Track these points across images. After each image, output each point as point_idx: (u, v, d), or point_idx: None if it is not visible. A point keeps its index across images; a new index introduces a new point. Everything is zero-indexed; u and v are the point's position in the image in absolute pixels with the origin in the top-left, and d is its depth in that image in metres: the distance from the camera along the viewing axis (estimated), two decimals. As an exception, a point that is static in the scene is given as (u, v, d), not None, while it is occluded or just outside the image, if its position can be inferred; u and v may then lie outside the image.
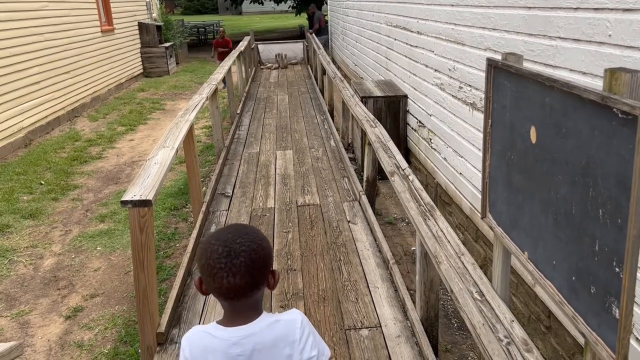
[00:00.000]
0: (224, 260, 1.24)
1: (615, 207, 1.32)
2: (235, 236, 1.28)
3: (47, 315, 3.62)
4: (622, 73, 1.29)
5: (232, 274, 1.24)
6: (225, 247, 1.25)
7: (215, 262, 1.25)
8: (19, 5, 8.01)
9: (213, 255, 1.25)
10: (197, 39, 24.42)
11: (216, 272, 1.24)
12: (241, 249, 1.26)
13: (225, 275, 1.24)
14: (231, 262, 1.24)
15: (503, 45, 3.39)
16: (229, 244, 1.26)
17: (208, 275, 1.26)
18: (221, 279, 1.24)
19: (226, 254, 1.25)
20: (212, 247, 1.26)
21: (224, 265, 1.24)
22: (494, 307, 2.08)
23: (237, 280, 1.24)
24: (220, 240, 1.27)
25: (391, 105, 5.87)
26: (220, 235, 1.30)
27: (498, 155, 2.11)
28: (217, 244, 1.27)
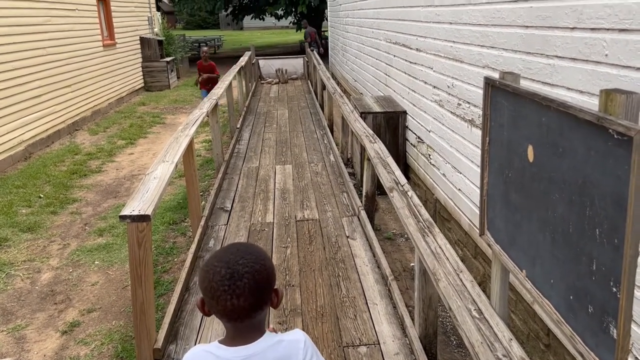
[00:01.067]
0: (227, 282, 1.22)
1: (612, 226, 1.32)
2: (237, 257, 1.26)
3: (43, 330, 3.60)
4: (617, 94, 1.31)
5: (236, 296, 1.22)
6: (228, 269, 1.23)
7: (218, 285, 1.22)
8: (21, 20, 8.08)
9: (216, 277, 1.23)
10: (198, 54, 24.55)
11: (220, 295, 1.22)
12: (244, 271, 1.23)
13: (229, 298, 1.22)
14: (234, 284, 1.22)
15: (501, 63, 3.42)
16: (231, 265, 1.24)
17: (211, 298, 1.24)
18: (225, 302, 1.22)
19: (229, 276, 1.23)
20: (214, 269, 1.24)
21: (227, 287, 1.22)
22: (492, 325, 2.07)
23: (241, 302, 1.23)
24: (223, 261, 1.25)
25: (390, 121, 5.90)
26: (223, 256, 1.27)
27: (496, 173, 2.11)
28: (219, 265, 1.24)
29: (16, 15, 7.93)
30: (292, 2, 20.86)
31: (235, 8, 24.25)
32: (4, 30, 7.55)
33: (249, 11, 23.64)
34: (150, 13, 15.72)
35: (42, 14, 8.80)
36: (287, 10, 22.32)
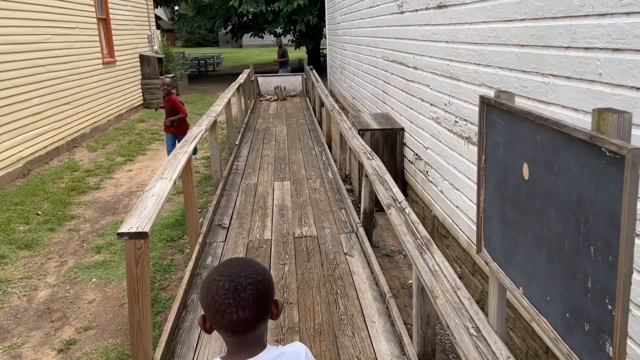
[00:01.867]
0: (231, 295, 1.24)
1: (606, 244, 1.33)
2: (238, 270, 1.28)
3: (39, 348, 3.58)
4: (609, 113, 1.33)
5: (241, 308, 1.24)
6: (232, 282, 1.25)
7: (222, 298, 1.24)
8: (22, 38, 8.15)
9: (219, 291, 1.25)
10: (197, 71, 24.76)
11: (225, 308, 1.24)
12: (247, 282, 1.26)
13: (235, 310, 1.24)
14: (239, 296, 1.24)
15: (497, 81, 3.46)
16: (234, 278, 1.26)
17: (215, 313, 1.25)
18: (230, 314, 1.24)
19: (233, 288, 1.24)
20: (217, 284, 1.25)
21: (232, 300, 1.24)
22: (490, 343, 2.07)
23: (246, 314, 1.25)
24: (225, 275, 1.27)
25: (388, 137, 5.93)
26: (223, 270, 1.29)
27: (492, 190, 2.13)
28: (221, 279, 1.26)
29: (17, 33, 8.01)
30: (291, 20, 21.08)
31: (234, 26, 24.49)
32: (5, 48, 7.61)
33: (248, 29, 23.87)
34: (150, 31, 15.87)
35: (42, 32, 8.88)
36: (286, 28, 22.54)
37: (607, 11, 2.33)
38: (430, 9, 4.91)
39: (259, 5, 20.17)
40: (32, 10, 8.57)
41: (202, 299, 1.29)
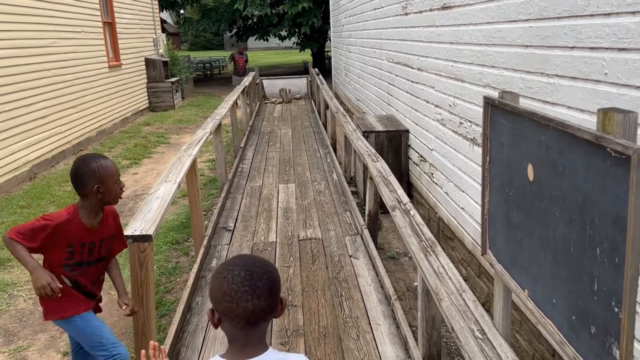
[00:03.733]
0: (247, 283, 1.25)
1: (612, 246, 1.32)
2: (252, 261, 1.30)
3: (44, 351, 3.58)
4: (614, 113, 1.31)
5: (257, 296, 1.25)
6: (247, 271, 1.26)
7: (239, 286, 1.24)
8: (28, 42, 8.20)
9: (236, 279, 1.25)
10: (203, 74, 24.84)
11: (240, 296, 1.24)
12: (262, 272, 1.27)
13: (250, 298, 1.24)
14: (255, 284, 1.25)
15: (502, 82, 3.44)
16: (249, 267, 1.27)
17: (230, 301, 1.24)
18: (246, 302, 1.24)
19: (249, 277, 1.25)
20: (232, 273, 1.26)
21: (248, 288, 1.24)
22: (495, 346, 2.05)
23: (262, 303, 1.25)
24: (239, 265, 1.28)
25: (393, 139, 5.92)
26: (237, 261, 1.30)
27: (497, 192, 2.11)
28: (236, 269, 1.27)
29: (23, 37, 8.05)
30: (295, 23, 21.11)
31: (239, 29, 24.55)
32: (11, 52, 7.66)
33: (253, 32, 23.92)
34: (155, 34, 15.94)
35: (48, 35, 8.93)
36: (291, 31, 22.57)
37: (612, 10, 2.31)
38: (434, 10, 4.90)
39: (264, 8, 20.21)
40: (38, 14, 8.62)
41: (215, 289, 1.28)
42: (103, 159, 2.44)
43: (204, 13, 23.95)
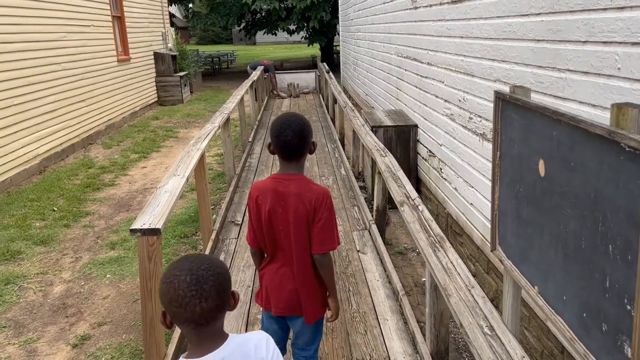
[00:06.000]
0: (194, 287, 1.26)
1: (625, 243, 1.30)
2: (198, 264, 1.31)
3: (54, 343, 3.61)
4: (629, 108, 1.29)
5: (204, 299, 1.27)
6: (193, 275, 1.27)
7: (185, 292, 1.26)
8: (38, 36, 8.24)
9: (182, 285, 1.26)
10: (211, 69, 24.86)
11: (188, 301, 1.26)
12: (208, 274, 1.29)
13: (198, 302, 1.26)
14: (201, 287, 1.27)
15: (512, 77, 3.41)
16: (195, 271, 1.28)
17: (178, 306, 1.27)
18: (194, 306, 1.26)
19: (195, 281, 1.27)
20: (178, 279, 1.27)
21: (195, 292, 1.26)
22: (504, 342, 2.03)
23: (210, 304, 1.28)
24: (185, 270, 1.29)
25: (401, 134, 5.89)
26: (183, 265, 1.31)
27: (507, 187, 2.09)
28: (182, 274, 1.28)
29: (33, 31, 8.09)
30: (304, 17, 21.05)
31: (248, 23, 24.53)
32: (22, 46, 7.70)
33: (261, 26, 23.88)
34: (164, 29, 15.95)
35: (58, 30, 8.97)
36: (299, 25, 22.51)
37: (626, 4, 2.28)
38: (444, 4, 4.86)
39: (272, 2, 20.17)
40: (48, 8, 8.65)
41: (163, 295, 1.30)
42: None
43: (212, 7, 23.92)
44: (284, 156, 2.18)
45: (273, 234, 2.21)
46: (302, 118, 2.20)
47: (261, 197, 2.19)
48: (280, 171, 2.21)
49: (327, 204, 2.15)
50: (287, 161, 2.19)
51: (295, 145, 2.14)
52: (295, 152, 2.16)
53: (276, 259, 2.27)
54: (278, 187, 2.16)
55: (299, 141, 2.13)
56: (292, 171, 2.19)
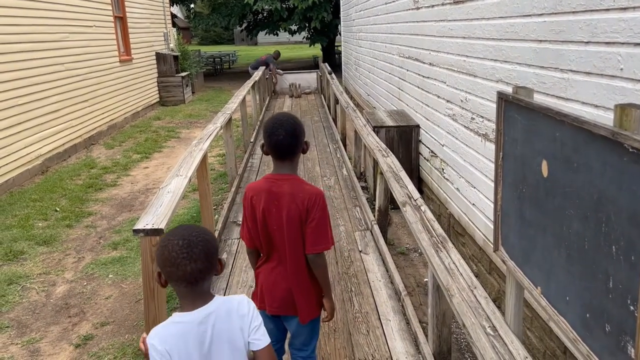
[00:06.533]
0: (185, 250, 1.48)
1: (628, 243, 1.30)
2: (190, 231, 1.54)
3: (57, 343, 3.62)
4: (632, 109, 1.29)
5: (194, 261, 1.49)
6: (185, 240, 1.50)
7: (177, 253, 1.48)
8: (41, 37, 8.25)
9: (175, 248, 1.49)
10: (213, 69, 24.88)
11: (179, 262, 1.48)
12: (198, 240, 1.51)
13: (188, 263, 1.48)
14: (192, 250, 1.49)
15: (515, 77, 3.41)
16: (186, 237, 1.51)
17: (171, 266, 1.49)
18: (185, 266, 1.48)
19: (186, 245, 1.49)
20: (172, 242, 1.50)
21: (186, 254, 1.48)
22: (507, 342, 2.03)
23: (198, 266, 1.49)
24: (178, 236, 1.52)
25: (403, 135, 5.89)
26: (176, 232, 1.54)
27: (510, 188, 2.10)
28: (175, 239, 1.51)
29: (36, 32, 8.11)
30: (305, 17, 21.05)
31: (249, 24, 24.54)
32: (24, 46, 7.72)
33: (263, 27, 23.89)
34: (166, 29, 15.97)
35: (60, 30, 8.98)
36: (301, 25, 22.51)
37: (629, 5, 2.28)
38: (446, 4, 4.86)
39: (274, 2, 20.17)
40: (50, 9, 8.67)
41: (158, 256, 1.53)
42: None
43: (214, 7, 23.95)
44: (277, 156, 2.19)
45: (268, 233, 2.22)
46: (294, 118, 2.21)
47: (255, 197, 2.22)
48: (274, 171, 2.23)
49: (320, 204, 2.16)
50: (280, 161, 2.21)
51: (288, 145, 2.15)
52: (288, 151, 2.17)
53: (271, 259, 2.28)
54: (272, 187, 2.19)
55: (292, 140, 2.14)
56: (285, 171, 2.21)
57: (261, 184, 2.24)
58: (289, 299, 2.27)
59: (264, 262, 2.32)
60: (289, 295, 2.27)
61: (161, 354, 1.50)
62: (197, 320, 1.53)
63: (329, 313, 2.36)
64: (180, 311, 1.55)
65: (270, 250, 2.27)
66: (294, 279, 2.25)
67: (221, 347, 1.56)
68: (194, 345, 1.52)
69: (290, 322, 2.37)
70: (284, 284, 2.26)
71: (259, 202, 2.20)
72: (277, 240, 2.22)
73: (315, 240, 2.17)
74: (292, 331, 2.40)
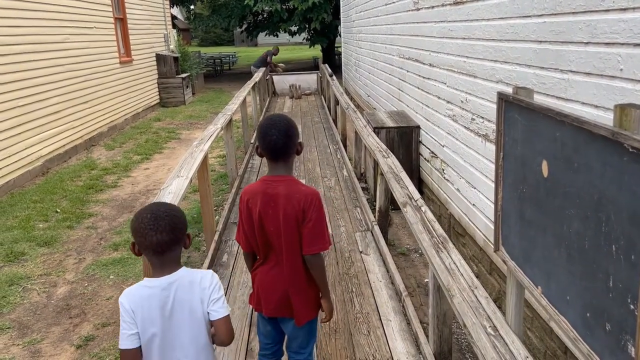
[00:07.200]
0: (152, 222, 1.69)
1: (629, 243, 1.31)
2: (159, 206, 1.78)
3: (58, 344, 3.63)
4: (632, 109, 1.30)
5: (159, 232, 1.68)
6: (152, 213, 1.71)
7: (145, 225, 1.69)
8: (42, 38, 8.27)
9: (144, 220, 1.70)
10: (213, 70, 24.89)
11: (147, 232, 1.68)
12: (165, 214, 1.72)
13: (154, 234, 1.68)
14: (158, 223, 1.69)
15: (515, 78, 3.41)
16: (154, 211, 1.73)
17: (140, 236, 1.69)
18: (151, 237, 1.68)
19: (153, 218, 1.69)
20: (142, 215, 1.73)
21: (152, 226, 1.68)
22: (507, 342, 2.04)
23: (164, 237, 1.69)
24: (147, 210, 1.74)
25: (404, 135, 5.90)
26: (148, 207, 1.78)
27: (510, 188, 2.10)
28: (145, 212, 1.73)
29: (36, 33, 8.12)
30: (305, 18, 21.06)
31: (249, 25, 24.55)
32: (25, 47, 7.73)
33: (263, 28, 23.90)
34: (166, 30, 15.99)
35: (61, 32, 9.00)
36: (301, 26, 22.52)
37: (628, 5, 2.29)
38: (446, 5, 4.87)
39: (274, 3, 20.19)
40: (51, 10, 8.68)
41: (131, 227, 1.74)
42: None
43: (214, 9, 23.97)
44: (271, 157, 2.20)
45: (265, 235, 2.22)
46: (287, 118, 2.22)
47: (251, 200, 2.22)
48: (269, 173, 2.24)
49: (316, 205, 2.16)
50: (275, 162, 2.21)
51: (282, 145, 2.15)
52: (282, 152, 2.18)
53: (268, 261, 2.28)
54: (267, 189, 2.19)
55: (285, 141, 2.15)
56: (280, 172, 2.21)
57: (256, 186, 2.25)
58: (285, 301, 2.27)
59: (261, 264, 2.32)
60: (285, 297, 2.27)
61: (127, 312, 1.71)
62: (161, 286, 1.73)
63: (327, 314, 2.36)
64: (151, 277, 1.76)
65: (267, 252, 2.27)
66: (291, 281, 2.24)
67: (182, 313, 1.75)
68: (156, 307, 1.72)
69: (286, 325, 2.36)
70: (280, 286, 2.26)
71: (255, 204, 2.20)
72: (274, 242, 2.22)
73: (312, 241, 2.17)
74: (289, 334, 2.40)
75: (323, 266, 2.30)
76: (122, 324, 1.72)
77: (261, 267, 2.31)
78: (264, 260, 2.30)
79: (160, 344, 1.75)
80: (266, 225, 2.20)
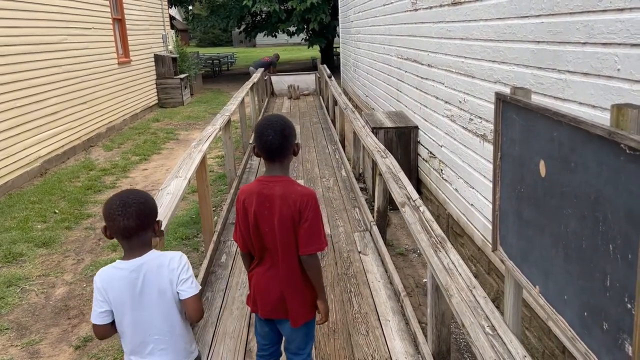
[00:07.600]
0: (120, 208, 1.80)
1: (626, 242, 1.31)
2: (129, 194, 1.88)
3: (57, 344, 3.62)
4: (628, 109, 1.31)
5: (127, 218, 1.80)
6: (122, 200, 1.83)
7: (114, 211, 1.81)
8: (40, 39, 8.26)
9: (113, 206, 1.82)
10: (211, 71, 24.88)
11: (115, 217, 1.80)
12: (133, 201, 1.83)
13: (122, 219, 1.80)
14: (125, 209, 1.80)
15: (512, 78, 3.42)
16: (124, 198, 1.84)
17: (110, 221, 1.82)
18: (119, 222, 1.80)
19: (122, 204, 1.81)
20: (112, 201, 1.84)
21: (120, 212, 1.80)
22: (506, 342, 2.05)
23: (131, 223, 1.81)
24: (118, 197, 1.86)
25: (402, 136, 5.91)
26: (119, 194, 1.88)
27: (508, 188, 2.11)
28: (115, 198, 1.85)
29: (34, 34, 8.11)
30: (304, 19, 21.07)
31: (248, 25, 24.54)
32: (23, 48, 7.72)
33: (261, 28, 23.90)
34: (164, 31, 15.98)
35: (59, 32, 8.99)
36: (299, 27, 22.53)
37: (625, 6, 2.30)
38: (444, 6, 4.88)
39: (272, 4, 20.19)
40: (48, 11, 8.67)
41: (103, 212, 1.86)
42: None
43: (212, 9, 23.95)
44: (267, 157, 2.20)
45: (260, 236, 2.22)
46: (284, 119, 2.22)
47: (247, 200, 2.22)
48: (265, 173, 2.24)
49: (312, 205, 2.16)
50: (271, 162, 2.22)
51: (278, 146, 2.16)
52: (278, 152, 2.18)
53: (264, 262, 2.28)
54: (263, 190, 2.19)
55: (281, 140, 2.15)
56: (276, 173, 2.21)
57: (253, 186, 2.25)
58: (281, 303, 2.27)
59: (257, 265, 2.32)
60: (281, 299, 2.26)
61: (99, 290, 1.86)
62: (130, 268, 1.84)
63: (323, 315, 2.35)
64: (122, 259, 1.88)
65: (262, 253, 2.26)
66: (287, 282, 2.24)
67: (151, 294, 1.86)
68: (126, 288, 1.85)
69: (283, 326, 2.36)
70: (276, 287, 2.26)
71: (250, 204, 2.20)
72: (270, 243, 2.21)
73: (308, 241, 2.16)
74: (286, 335, 2.39)
75: (319, 267, 2.30)
76: (94, 301, 1.89)
77: (257, 269, 2.31)
78: (259, 261, 2.30)
79: (132, 322, 1.88)
80: (261, 225, 2.19)
